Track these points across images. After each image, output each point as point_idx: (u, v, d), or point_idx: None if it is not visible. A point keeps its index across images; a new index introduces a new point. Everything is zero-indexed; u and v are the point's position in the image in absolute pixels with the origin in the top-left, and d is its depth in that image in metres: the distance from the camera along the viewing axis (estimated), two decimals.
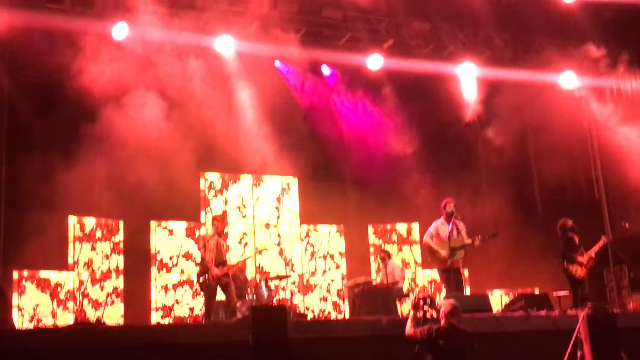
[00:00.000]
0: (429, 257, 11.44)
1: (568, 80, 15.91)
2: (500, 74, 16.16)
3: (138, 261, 14.76)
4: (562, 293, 12.34)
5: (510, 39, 16.28)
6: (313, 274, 16.24)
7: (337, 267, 16.49)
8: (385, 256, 14.07)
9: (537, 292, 14.80)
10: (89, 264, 14.28)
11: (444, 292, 13.50)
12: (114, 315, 14.23)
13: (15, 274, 13.55)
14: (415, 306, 8.28)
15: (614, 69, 14.84)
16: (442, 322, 7.99)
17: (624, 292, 15.09)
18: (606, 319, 9.01)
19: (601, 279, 15.51)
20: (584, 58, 15.17)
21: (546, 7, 14.82)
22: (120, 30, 13.47)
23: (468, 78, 16.41)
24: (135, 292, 14.55)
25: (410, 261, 16.96)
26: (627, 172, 14.50)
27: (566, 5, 14.68)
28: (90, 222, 14.47)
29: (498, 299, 15.99)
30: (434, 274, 16.34)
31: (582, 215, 15.56)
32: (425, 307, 8.41)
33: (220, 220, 11.83)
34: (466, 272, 16.44)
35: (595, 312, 9.05)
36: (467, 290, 16.18)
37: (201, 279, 11.29)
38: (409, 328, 8.11)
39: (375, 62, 15.79)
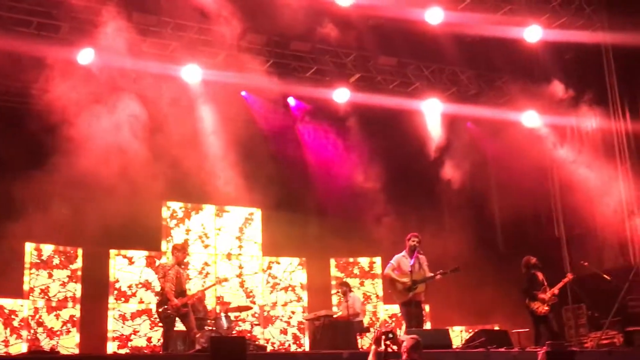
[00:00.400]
0: (390, 289, 11.38)
1: (530, 118, 16.16)
2: (464, 110, 16.38)
3: (96, 290, 14.53)
4: (522, 330, 12.39)
5: (474, 76, 16.55)
6: (274, 306, 16.11)
7: (299, 299, 16.39)
8: (346, 289, 14.02)
9: (497, 328, 14.83)
10: (45, 292, 14.00)
11: (404, 326, 13.49)
12: (69, 344, 13.94)
13: None
14: (377, 341, 8.23)
15: (575, 108, 15.10)
16: (404, 356, 7.95)
17: (582, 331, 15.21)
18: (565, 356, 9.05)
19: (560, 317, 15.61)
20: (546, 97, 15.43)
21: (510, 46, 15.09)
22: (86, 56, 13.39)
23: (433, 114, 16.60)
24: (92, 321, 14.30)
25: (371, 295, 16.93)
26: (587, 210, 14.68)
27: (529, 45, 14.96)
28: (47, 248, 14.21)
29: (458, 335, 15.99)
30: (394, 308, 16.33)
31: (543, 252, 15.71)
32: (387, 342, 8.37)
33: (181, 250, 11.66)
34: (427, 308, 16.47)
35: (554, 349, 9.08)
36: (428, 325, 16.19)
37: (160, 309, 11.11)
38: None
39: (341, 95, 15.91)
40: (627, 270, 14.03)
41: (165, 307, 10.99)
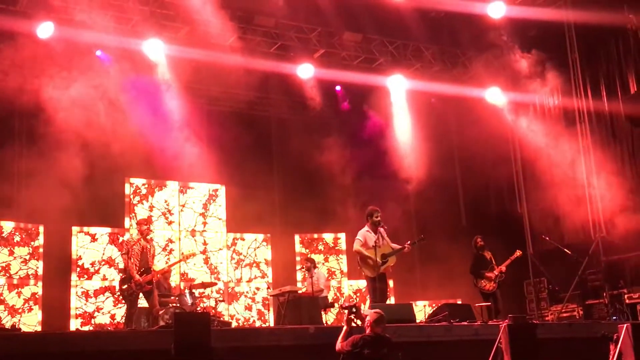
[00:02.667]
0: (361, 264, 11.40)
1: (494, 94, 16.25)
2: (428, 86, 16.42)
3: (58, 267, 14.37)
4: (484, 304, 12.57)
5: (439, 52, 16.58)
6: (239, 282, 16.10)
7: (263, 275, 16.39)
8: (311, 265, 14.05)
9: (460, 302, 15.01)
10: (6, 269, 13.81)
11: (368, 301, 13.58)
12: (31, 322, 13.79)
13: None
14: (348, 322, 8.30)
15: (538, 85, 15.21)
16: (368, 330, 8.02)
17: (543, 304, 15.48)
18: (526, 329, 9.18)
19: (521, 291, 15.88)
20: (509, 74, 15.52)
21: (474, 22, 15.12)
22: (45, 29, 13.13)
23: (397, 90, 16.63)
24: (55, 299, 14.13)
25: (336, 271, 17.00)
26: (548, 186, 14.86)
27: (493, 21, 15.00)
28: (8, 225, 14.01)
29: (422, 310, 16.15)
30: (359, 283, 16.46)
31: (505, 227, 15.97)
32: (351, 316, 8.43)
33: (146, 224, 11.56)
34: (391, 283, 16.60)
35: (516, 322, 9.21)
36: (392, 300, 16.33)
37: (124, 286, 11.04)
38: (339, 343, 8.11)
39: (305, 71, 15.84)
40: (587, 244, 14.31)
41: (129, 284, 10.92)
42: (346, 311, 8.59)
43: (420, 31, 15.43)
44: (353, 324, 8.45)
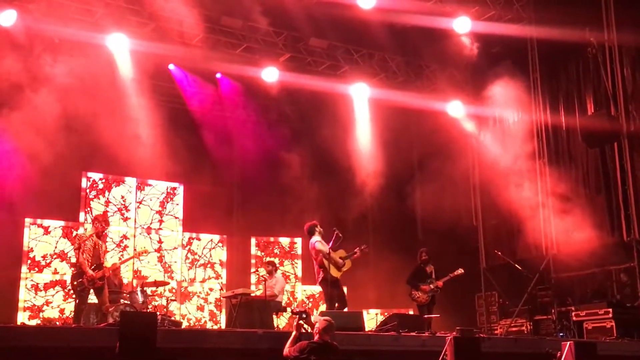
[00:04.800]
0: (330, 264, 11.58)
1: (455, 108, 16.43)
2: (391, 96, 16.53)
3: (8, 258, 14.09)
4: (434, 315, 12.70)
5: (403, 63, 16.72)
6: (192, 282, 16.02)
7: (217, 277, 16.34)
8: (272, 268, 14.02)
9: (411, 313, 15.12)
10: None
11: (322, 307, 13.57)
12: None
13: None
14: (297, 327, 8.31)
15: (499, 100, 15.39)
16: (316, 337, 8.05)
17: (493, 317, 15.67)
18: (471, 342, 9.28)
19: (472, 304, 16.05)
20: (471, 88, 15.71)
21: (439, 36, 15.27)
22: (7, 17, 12.94)
23: (360, 98, 16.73)
24: (3, 291, 13.90)
25: (290, 275, 17.01)
26: (504, 202, 15.04)
27: (457, 36, 15.17)
28: None
29: (374, 318, 16.23)
30: (313, 289, 16.49)
31: (460, 240, 16.13)
32: (300, 322, 8.46)
33: (102, 222, 11.42)
34: (345, 290, 16.64)
35: (462, 335, 9.31)
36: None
37: (75, 282, 10.89)
38: (287, 348, 8.12)
39: (270, 74, 15.86)
40: (539, 261, 14.54)
41: (81, 280, 10.79)
42: (297, 317, 8.61)
43: (386, 42, 15.56)
44: (302, 330, 8.47)
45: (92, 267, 10.88)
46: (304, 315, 8.53)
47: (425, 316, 12.53)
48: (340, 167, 16.33)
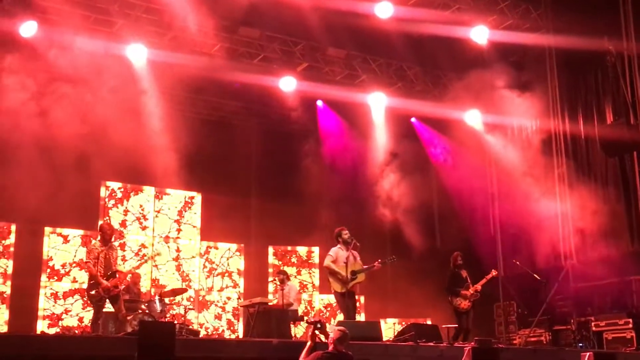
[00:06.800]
0: (330, 279, 11.43)
1: (473, 117, 16.39)
2: (409, 105, 16.53)
3: (28, 267, 14.27)
4: (452, 325, 12.63)
5: (421, 72, 16.71)
6: (210, 291, 16.07)
7: (235, 285, 16.38)
8: (284, 277, 14.03)
9: (429, 322, 15.07)
10: None
11: (339, 316, 13.52)
12: None
13: None
14: (312, 337, 8.29)
15: (517, 109, 15.35)
16: (330, 347, 8.02)
17: (512, 327, 15.57)
18: (489, 353, 9.23)
19: (491, 314, 15.97)
20: (489, 97, 15.67)
21: (457, 45, 15.26)
22: (28, 28, 13.08)
23: (378, 107, 16.73)
24: (23, 299, 14.04)
25: (308, 284, 17.02)
26: (522, 211, 14.98)
27: (476, 45, 15.14)
28: None
29: (391, 327, 16.20)
30: (330, 298, 16.46)
31: (478, 250, 16.06)
32: (316, 332, 8.44)
33: (106, 230, 11.36)
34: (362, 299, 16.65)
35: (480, 346, 9.27)
36: (362, 317, 16.37)
37: (92, 292, 10.92)
38: (301, 358, 8.11)
39: (288, 83, 15.90)
40: (557, 271, 14.43)
41: (97, 289, 10.83)
42: (312, 326, 8.59)
43: (403, 51, 15.57)
44: (317, 340, 8.46)
45: (107, 275, 10.90)
46: (319, 325, 8.49)
47: (444, 326, 12.44)
48: (358, 175, 16.34)
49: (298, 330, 14.95)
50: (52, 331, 13.89)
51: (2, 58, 12.75)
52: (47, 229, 14.56)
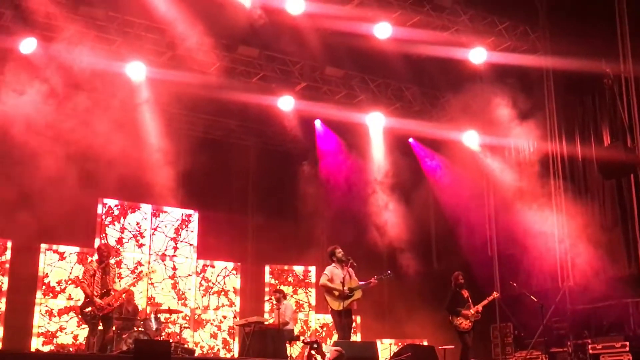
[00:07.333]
0: (327, 297, 11.35)
1: (470, 138, 16.41)
2: (406, 125, 16.56)
3: (23, 283, 14.24)
4: (448, 347, 12.57)
5: (419, 93, 16.76)
6: (205, 309, 16.00)
7: (231, 304, 16.32)
8: (280, 296, 13.98)
9: (425, 343, 15.00)
10: None
11: (335, 336, 13.45)
12: None
13: None
14: (308, 357, 8.29)
15: (514, 131, 15.36)
16: None
17: (508, 349, 15.49)
18: None
19: (487, 335, 15.90)
20: (487, 118, 15.69)
21: (455, 67, 15.31)
22: (27, 45, 13.12)
23: (376, 127, 16.76)
24: (17, 316, 13.99)
25: (304, 304, 16.96)
26: (519, 232, 14.96)
27: (474, 67, 15.20)
28: None
29: (387, 348, 16.12)
30: (326, 318, 16.41)
31: (475, 270, 16.00)
32: (312, 352, 8.43)
33: (102, 251, 11.32)
34: (359, 319, 16.59)
35: None
36: (358, 337, 16.31)
37: (86, 309, 10.86)
38: None
39: (286, 103, 15.93)
40: (555, 292, 14.39)
41: (90, 308, 10.76)
42: (308, 347, 8.58)
43: (402, 71, 15.60)
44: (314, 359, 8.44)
45: (101, 293, 10.84)
46: (315, 346, 8.52)
47: (440, 347, 12.38)
48: (355, 195, 16.33)
49: (294, 351, 14.87)
50: (46, 349, 13.84)
51: (1, 74, 12.77)
52: (43, 246, 14.54)
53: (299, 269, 17.12)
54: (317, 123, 17.25)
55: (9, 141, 12.89)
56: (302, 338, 15.40)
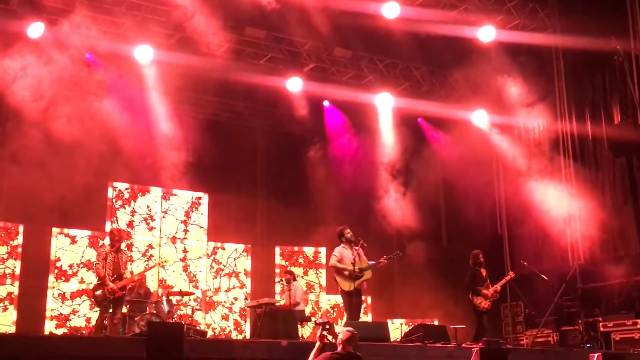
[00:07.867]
0: (337, 278, 11.39)
1: (480, 117, 16.36)
2: (415, 105, 16.51)
3: (36, 267, 14.30)
4: (459, 326, 12.59)
5: (427, 72, 16.69)
6: (217, 291, 16.08)
7: (242, 286, 16.39)
8: (290, 277, 14.02)
9: (436, 323, 15.05)
10: None
11: (345, 317, 13.51)
12: (5, 322, 13.72)
13: None
14: (321, 338, 8.29)
15: (524, 109, 15.31)
16: (339, 348, 8.02)
17: (519, 328, 15.54)
18: (498, 353, 9.22)
19: (498, 314, 15.92)
20: (496, 97, 15.62)
21: (463, 45, 15.22)
22: (35, 30, 13.11)
23: (384, 108, 16.72)
24: (30, 300, 14.07)
25: (315, 285, 17.01)
26: (529, 211, 14.94)
27: (483, 45, 15.11)
28: None
29: (398, 328, 16.18)
30: (337, 298, 16.44)
31: (485, 249, 15.95)
32: (324, 332, 8.43)
33: (116, 235, 11.40)
34: (369, 300, 16.65)
35: (489, 346, 9.25)
36: (369, 317, 16.37)
37: (97, 292, 10.96)
38: (310, 359, 8.10)
39: (294, 84, 15.89)
40: (565, 271, 14.39)
41: (102, 290, 10.85)
42: (320, 327, 8.59)
43: (410, 51, 15.53)
44: (326, 341, 8.45)
45: (113, 277, 10.94)
46: (327, 326, 8.48)
47: (451, 326, 12.40)
48: (364, 176, 16.33)
49: (305, 331, 14.94)
50: (59, 332, 13.94)
51: (10, 58, 12.78)
52: (55, 230, 14.59)
53: (309, 250, 17.15)
54: (326, 104, 17.22)
55: (19, 126, 12.91)
56: (314, 319, 15.52)
